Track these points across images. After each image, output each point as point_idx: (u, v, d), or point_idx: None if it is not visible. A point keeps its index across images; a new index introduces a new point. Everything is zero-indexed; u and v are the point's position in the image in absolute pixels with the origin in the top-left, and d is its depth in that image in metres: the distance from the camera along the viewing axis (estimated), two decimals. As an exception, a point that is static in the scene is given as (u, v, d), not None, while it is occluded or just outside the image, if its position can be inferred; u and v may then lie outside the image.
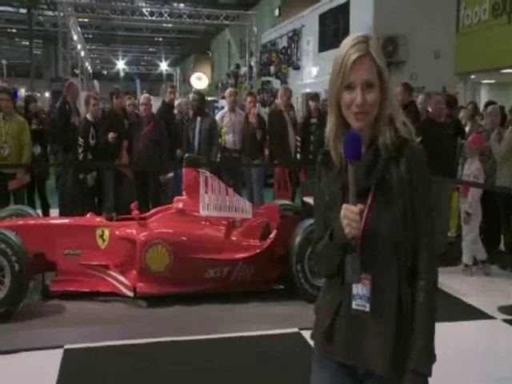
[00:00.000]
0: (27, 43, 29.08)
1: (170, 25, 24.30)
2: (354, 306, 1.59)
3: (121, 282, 4.76)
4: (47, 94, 16.68)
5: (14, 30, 30.50)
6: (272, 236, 4.88)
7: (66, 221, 5.31)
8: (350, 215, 1.50)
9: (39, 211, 6.67)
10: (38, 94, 18.50)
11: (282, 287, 5.14)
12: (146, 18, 19.05)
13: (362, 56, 1.52)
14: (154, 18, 19.32)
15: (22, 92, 21.84)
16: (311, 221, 4.56)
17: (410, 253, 1.55)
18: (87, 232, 4.86)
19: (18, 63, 37.90)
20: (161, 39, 34.40)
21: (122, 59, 39.74)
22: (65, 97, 7.72)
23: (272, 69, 15.01)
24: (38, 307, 4.64)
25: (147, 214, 5.18)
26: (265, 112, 11.18)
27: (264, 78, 16.13)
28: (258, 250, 4.81)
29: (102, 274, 4.83)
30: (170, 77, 40.69)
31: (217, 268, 4.73)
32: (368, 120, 1.57)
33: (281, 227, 4.87)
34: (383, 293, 1.56)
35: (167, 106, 7.86)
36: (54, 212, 7.38)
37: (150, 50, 39.22)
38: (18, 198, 6.59)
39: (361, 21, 9.70)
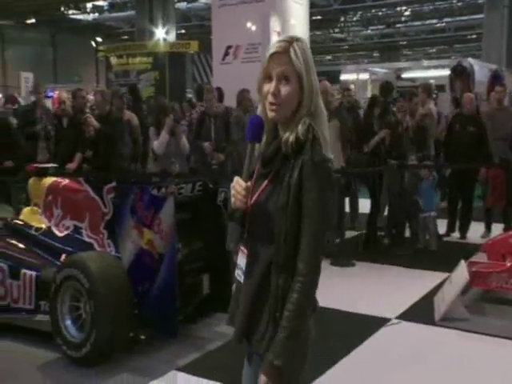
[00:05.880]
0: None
1: None
2: (235, 274, 1.76)
3: None
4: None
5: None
6: None
7: None
8: (237, 188, 1.67)
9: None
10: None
11: None
12: None
13: (280, 53, 1.63)
14: None
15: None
16: None
17: (290, 245, 1.61)
18: None
19: None
20: None
21: None
22: None
23: None
24: None
25: None
26: None
27: None
28: None
29: None
30: None
31: None
32: (282, 113, 1.65)
33: None
34: (253, 270, 1.68)
35: None
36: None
37: None
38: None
39: None
